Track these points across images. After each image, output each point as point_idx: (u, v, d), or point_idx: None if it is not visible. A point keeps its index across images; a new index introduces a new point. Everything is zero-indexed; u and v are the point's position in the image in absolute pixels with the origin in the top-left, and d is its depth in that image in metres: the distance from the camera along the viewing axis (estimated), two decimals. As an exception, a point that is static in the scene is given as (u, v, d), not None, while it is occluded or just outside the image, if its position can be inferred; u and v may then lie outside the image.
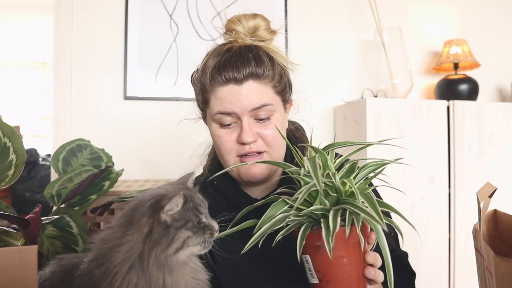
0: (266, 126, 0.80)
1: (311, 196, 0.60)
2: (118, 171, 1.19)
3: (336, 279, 0.58)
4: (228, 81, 0.77)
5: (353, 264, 0.59)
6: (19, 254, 0.50)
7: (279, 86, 0.82)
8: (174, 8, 2.05)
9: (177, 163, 1.98)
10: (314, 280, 0.60)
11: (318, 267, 0.59)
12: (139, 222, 0.59)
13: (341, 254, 0.58)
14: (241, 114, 0.78)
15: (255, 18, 0.82)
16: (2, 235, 0.89)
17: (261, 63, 0.78)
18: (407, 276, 0.86)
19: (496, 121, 2.00)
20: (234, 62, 0.77)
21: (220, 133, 0.81)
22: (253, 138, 0.78)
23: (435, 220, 1.91)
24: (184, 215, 0.61)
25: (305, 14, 2.19)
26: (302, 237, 0.57)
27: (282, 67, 0.84)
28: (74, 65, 1.96)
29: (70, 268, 0.63)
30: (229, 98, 0.77)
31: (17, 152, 0.88)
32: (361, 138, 1.87)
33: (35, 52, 4.45)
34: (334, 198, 0.59)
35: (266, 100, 0.78)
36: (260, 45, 0.83)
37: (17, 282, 0.50)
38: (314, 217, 0.59)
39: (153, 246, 0.58)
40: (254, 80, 0.78)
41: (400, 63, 2.11)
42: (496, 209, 0.66)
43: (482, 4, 2.44)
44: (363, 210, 0.54)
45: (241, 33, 0.82)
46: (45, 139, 4.29)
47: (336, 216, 0.54)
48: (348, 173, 0.62)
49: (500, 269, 0.48)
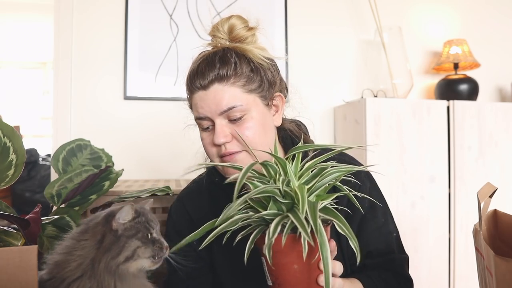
0: (240, 125, 0.80)
1: (267, 200, 0.60)
2: (118, 171, 1.19)
3: (288, 283, 0.59)
4: (198, 88, 0.80)
5: (305, 271, 0.59)
6: (19, 254, 0.50)
7: (251, 84, 0.81)
8: (174, 8, 2.05)
9: (177, 163, 1.98)
10: (269, 282, 0.62)
11: (270, 270, 0.60)
12: (94, 230, 0.64)
13: (291, 260, 0.58)
14: (213, 117, 0.80)
15: (229, 20, 0.83)
16: (2, 235, 0.89)
17: (226, 64, 0.79)
18: (398, 282, 0.84)
19: (496, 121, 2.00)
20: (202, 69, 0.80)
21: (202, 135, 0.84)
22: (225, 139, 0.79)
23: (435, 220, 1.91)
24: (135, 226, 0.66)
25: (305, 14, 2.19)
26: (252, 240, 0.58)
27: (257, 64, 0.82)
28: (74, 65, 1.96)
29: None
30: (200, 103, 0.80)
31: (17, 152, 0.88)
32: (361, 138, 1.87)
33: (35, 52, 4.45)
34: (289, 204, 0.59)
35: (233, 102, 0.78)
36: (233, 45, 0.83)
37: (17, 282, 0.50)
38: (269, 221, 0.58)
39: (104, 252, 0.62)
40: (219, 83, 0.79)
41: (400, 63, 2.11)
42: (496, 209, 0.66)
43: (482, 4, 2.44)
44: (299, 221, 0.52)
45: (220, 37, 0.84)
46: (45, 139, 4.29)
47: (277, 224, 0.54)
48: (312, 178, 0.62)
49: (500, 269, 0.48)
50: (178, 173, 1.95)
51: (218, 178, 0.89)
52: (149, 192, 1.16)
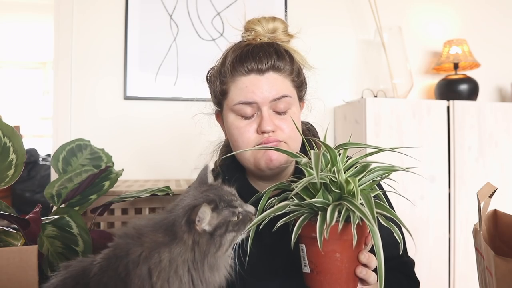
0: (284, 119, 0.81)
1: (315, 189, 0.62)
2: (118, 171, 1.19)
3: (327, 271, 0.60)
4: (250, 71, 0.79)
5: (345, 261, 0.60)
6: (19, 254, 0.50)
7: (297, 81, 0.85)
8: (174, 8, 2.05)
9: (177, 162, 1.98)
10: (306, 269, 0.62)
11: (311, 257, 0.61)
12: (183, 239, 0.62)
13: (334, 249, 0.59)
14: (262, 104, 0.79)
15: (274, 21, 0.85)
16: (2, 235, 0.89)
17: (282, 57, 0.81)
18: (409, 284, 0.86)
19: (496, 121, 2.00)
20: (256, 53, 0.79)
21: (239, 123, 0.82)
22: (273, 128, 0.79)
23: (435, 220, 1.91)
24: (222, 218, 0.64)
25: (305, 14, 2.19)
26: (299, 226, 0.59)
27: (299, 66, 0.87)
28: (74, 65, 1.95)
29: (81, 271, 0.62)
30: (250, 87, 0.79)
31: (17, 152, 0.88)
32: (361, 138, 1.87)
33: (35, 52, 4.45)
34: (336, 194, 0.61)
35: (286, 92, 0.80)
36: (282, 44, 0.85)
37: (17, 282, 0.50)
38: (315, 209, 0.61)
39: (204, 256, 0.62)
40: (275, 72, 0.80)
41: (400, 63, 2.11)
42: (496, 209, 0.66)
43: (482, 4, 2.44)
44: (358, 209, 0.54)
45: (260, 33, 0.85)
46: (45, 139, 4.29)
47: (334, 211, 0.56)
48: (356, 173, 0.64)
49: (500, 269, 0.48)
50: (178, 173, 1.95)
51: (229, 177, 0.89)
52: (149, 192, 1.16)
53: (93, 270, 0.61)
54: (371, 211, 0.54)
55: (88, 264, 0.63)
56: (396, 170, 0.64)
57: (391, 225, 0.60)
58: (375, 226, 0.54)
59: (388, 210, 0.59)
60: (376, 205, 0.58)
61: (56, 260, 0.91)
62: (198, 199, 0.66)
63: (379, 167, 0.64)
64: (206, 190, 0.68)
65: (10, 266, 0.49)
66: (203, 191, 0.68)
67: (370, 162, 0.65)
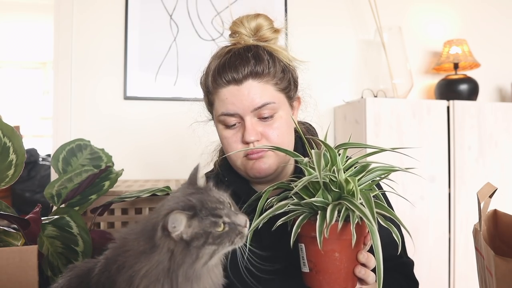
0: (270, 125, 0.79)
1: (315, 188, 0.62)
2: (118, 171, 1.19)
3: (326, 271, 0.60)
4: (228, 82, 0.77)
5: (344, 260, 0.61)
6: (19, 254, 0.50)
7: (282, 83, 0.81)
8: (174, 8, 2.05)
9: (177, 163, 1.98)
10: (306, 269, 0.63)
11: (310, 256, 0.62)
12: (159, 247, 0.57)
13: (334, 248, 0.60)
14: (244, 114, 0.78)
15: (257, 18, 0.82)
16: (2, 235, 0.89)
17: (261, 61, 0.78)
18: (408, 285, 0.86)
19: (496, 121, 2.00)
20: (233, 62, 0.77)
21: (226, 134, 0.81)
22: (256, 137, 0.78)
23: (435, 220, 1.91)
24: (200, 228, 0.56)
25: (305, 14, 2.19)
26: (299, 225, 0.60)
27: (285, 64, 0.83)
28: (74, 65, 1.95)
29: (86, 272, 0.63)
30: (230, 99, 0.78)
31: (17, 152, 0.88)
32: (361, 138, 1.87)
33: (35, 52, 4.44)
34: (336, 194, 0.61)
35: (267, 99, 0.78)
36: (261, 44, 0.83)
37: (17, 282, 0.50)
38: (315, 208, 0.61)
39: (179, 266, 0.56)
40: (254, 79, 0.77)
41: (400, 63, 2.11)
42: (496, 209, 0.66)
43: (482, 4, 2.44)
44: (358, 208, 0.55)
45: (244, 34, 0.83)
46: (45, 139, 4.29)
47: (333, 210, 0.56)
48: (356, 173, 0.64)
49: (500, 269, 0.48)
50: (179, 173, 1.95)
51: (228, 178, 0.88)
52: (149, 192, 1.16)
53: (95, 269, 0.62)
54: (371, 211, 0.54)
55: (93, 265, 0.63)
56: (395, 170, 0.64)
57: (390, 225, 0.60)
58: (374, 225, 0.54)
59: (388, 210, 0.59)
60: (375, 205, 0.58)
61: (56, 260, 0.91)
62: (179, 203, 0.59)
63: (378, 167, 0.64)
64: (190, 194, 0.61)
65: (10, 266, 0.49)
66: (187, 194, 0.61)
67: (369, 162, 0.65)
